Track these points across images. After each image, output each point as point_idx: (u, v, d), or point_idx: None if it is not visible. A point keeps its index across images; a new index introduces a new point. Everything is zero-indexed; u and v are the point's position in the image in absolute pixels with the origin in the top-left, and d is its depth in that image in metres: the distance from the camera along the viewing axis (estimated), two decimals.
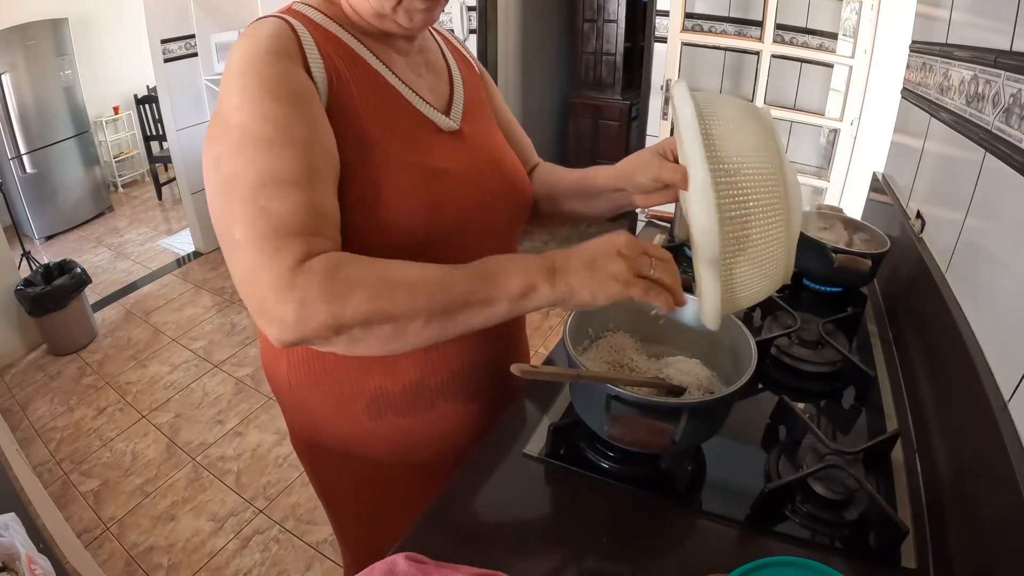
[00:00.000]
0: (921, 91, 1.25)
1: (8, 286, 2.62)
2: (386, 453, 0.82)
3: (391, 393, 0.77)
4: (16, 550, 0.81)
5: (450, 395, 0.80)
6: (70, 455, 2.11)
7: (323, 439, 0.83)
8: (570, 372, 0.68)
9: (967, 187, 0.87)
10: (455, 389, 0.80)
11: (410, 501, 0.83)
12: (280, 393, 0.84)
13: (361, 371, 0.76)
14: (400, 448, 0.82)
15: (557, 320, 2.94)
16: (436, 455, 0.84)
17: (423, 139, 0.70)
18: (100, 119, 4.54)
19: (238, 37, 0.64)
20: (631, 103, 3.79)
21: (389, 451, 0.82)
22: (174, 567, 1.68)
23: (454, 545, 0.66)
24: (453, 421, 0.83)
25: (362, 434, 0.80)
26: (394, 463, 0.83)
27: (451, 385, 0.80)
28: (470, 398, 0.83)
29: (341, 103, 0.64)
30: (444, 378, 0.78)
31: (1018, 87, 0.73)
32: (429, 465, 0.84)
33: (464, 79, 0.81)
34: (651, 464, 0.75)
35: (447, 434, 0.83)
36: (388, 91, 0.69)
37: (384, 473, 0.84)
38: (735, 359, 0.76)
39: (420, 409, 0.79)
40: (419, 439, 0.82)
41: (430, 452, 0.83)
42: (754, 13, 2.44)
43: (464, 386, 0.81)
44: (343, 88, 0.64)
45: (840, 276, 1.11)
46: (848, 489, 0.69)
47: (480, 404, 0.85)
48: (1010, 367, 0.64)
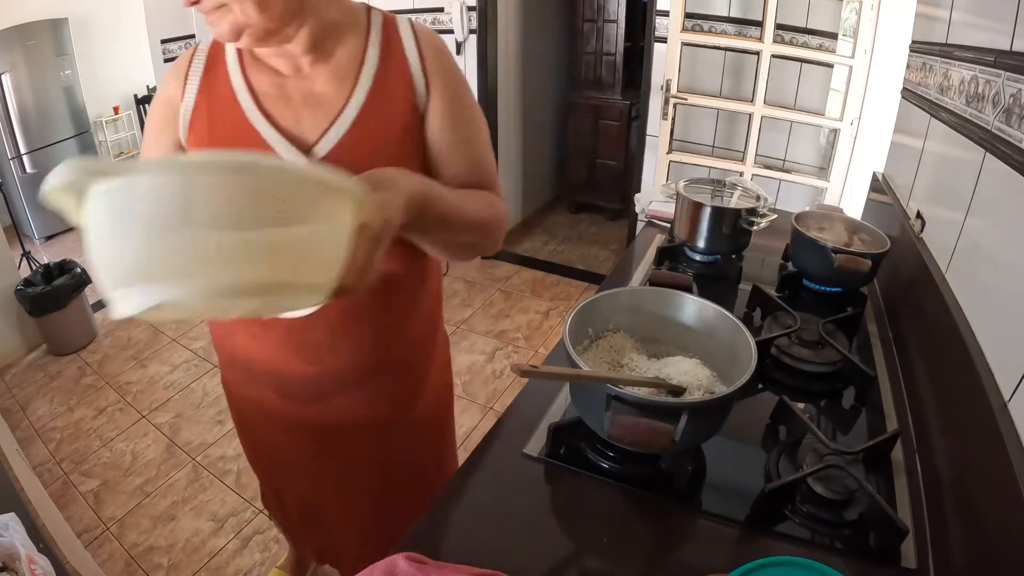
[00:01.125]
0: (921, 91, 1.25)
1: (8, 286, 2.62)
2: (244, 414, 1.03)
3: (235, 359, 0.93)
4: (16, 550, 0.81)
5: (271, 388, 0.92)
6: (70, 455, 2.11)
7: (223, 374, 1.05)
8: (570, 372, 0.68)
9: (967, 187, 0.87)
10: (274, 384, 0.91)
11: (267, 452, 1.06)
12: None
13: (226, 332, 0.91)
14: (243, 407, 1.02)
15: (557, 320, 2.94)
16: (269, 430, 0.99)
17: None
18: (100, 119, 4.53)
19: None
20: (631, 103, 3.78)
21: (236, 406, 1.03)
22: (174, 567, 1.68)
23: (454, 545, 0.66)
24: (276, 408, 0.94)
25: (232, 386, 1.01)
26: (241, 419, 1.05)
27: (269, 380, 0.90)
28: (288, 397, 0.92)
29: (195, 130, 0.73)
30: (264, 371, 0.89)
31: (1018, 87, 0.73)
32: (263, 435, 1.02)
33: (372, 101, 0.74)
34: (651, 464, 0.75)
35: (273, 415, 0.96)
36: (241, 123, 0.72)
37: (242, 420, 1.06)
38: (735, 359, 0.76)
39: (251, 384, 0.94)
40: (254, 406, 0.97)
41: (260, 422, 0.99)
42: (754, 13, 2.44)
43: (280, 386, 0.91)
44: (200, 116, 0.72)
45: (840, 276, 1.11)
46: (848, 489, 0.69)
47: (300, 408, 0.92)
48: (1010, 367, 0.64)
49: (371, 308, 0.83)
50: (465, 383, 2.44)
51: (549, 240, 3.92)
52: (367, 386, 0.91)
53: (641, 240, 1.50)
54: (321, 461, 1.00)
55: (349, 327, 0.84)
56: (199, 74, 0.71)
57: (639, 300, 0.88)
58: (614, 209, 4.16)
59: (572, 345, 0.74)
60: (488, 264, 3.50)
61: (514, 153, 3.77)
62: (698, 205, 1.25)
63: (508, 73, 3.47)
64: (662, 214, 1.60)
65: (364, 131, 0.74)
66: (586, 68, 3.87)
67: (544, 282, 3.31)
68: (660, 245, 1.35)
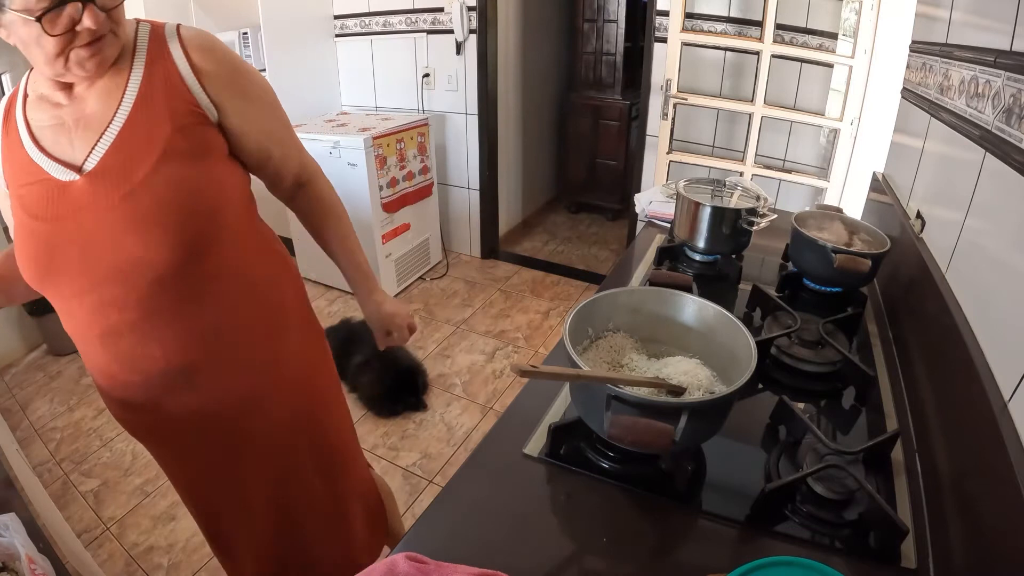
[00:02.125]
0: (921, 91, 1.25)
1: None
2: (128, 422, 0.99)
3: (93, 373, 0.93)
4: (16, 550, 0.81)
5: (113, 398, 0.93)
6: (70, 455, 2.11)
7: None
8: (570, 372, 0.68)
9: (967, 187, 0.87)
10: (115, 395, 0.92)
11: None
12: None
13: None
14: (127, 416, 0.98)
15: (557, 320, 2.94)
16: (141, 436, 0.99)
17: (46, 195, 0.77)
18: None
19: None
20: (631, 103, 3.78)
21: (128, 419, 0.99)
22: (174, 567, 1.68)
23: (454, 545, 0.66)
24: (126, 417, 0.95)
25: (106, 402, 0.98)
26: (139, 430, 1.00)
27: (109, 391, 0.92)
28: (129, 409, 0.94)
29: (3, 180, 0.81)
30: (101, 382, 0.91)
31: (1018, 87, 0.73)
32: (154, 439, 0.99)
33: (139, 108, 0.77)
34: (651, 464, 0.75)
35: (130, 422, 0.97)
36: (25, 161, 0.78)
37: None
38: (735, 359, 0.76)
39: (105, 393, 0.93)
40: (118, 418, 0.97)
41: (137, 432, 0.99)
42: (754, 13, 2.44)
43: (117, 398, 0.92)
44: (4, 167, 0.80)
45: (840, 276, 1.11)
46: (848, 489, 0.69)
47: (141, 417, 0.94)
48: (1010, 367, 0.64)
49: (172, 308, 0.82)
50: (465, 383, 2.44)
51: (549, 240, 3.92)
52: (202, 387, 0.88)
53: (641, 240, 1.50)
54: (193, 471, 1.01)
55: (153, 330, 0.82)
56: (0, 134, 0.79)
57: (639, 300, 0.88)
58: (614, 209, 4.16)
59: (572, 345, 0.74)
60: (488, 264, 3.50)
61: (514, 153, 3.77)
62: (698, 205, 1.25)
63: (508, 73, 3.47)
64: (662, 214, 1.60)
65: (130, 140, 0.76)
66: (586, 68, 3.88)
67: (544, 282, 3.31)
68: (660, 245, 1.35)
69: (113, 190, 0.76)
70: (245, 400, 0.93)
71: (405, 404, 2.24)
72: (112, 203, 0.76)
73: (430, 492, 1.89)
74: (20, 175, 0.78)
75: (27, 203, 0.78)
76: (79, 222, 0.76)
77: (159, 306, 0.81)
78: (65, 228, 0.77)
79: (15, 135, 0.79)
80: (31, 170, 0.77)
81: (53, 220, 0.77)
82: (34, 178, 0.77)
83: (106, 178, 0.76)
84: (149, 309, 0.80)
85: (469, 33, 3.02)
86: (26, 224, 0.79)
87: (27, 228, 0.79)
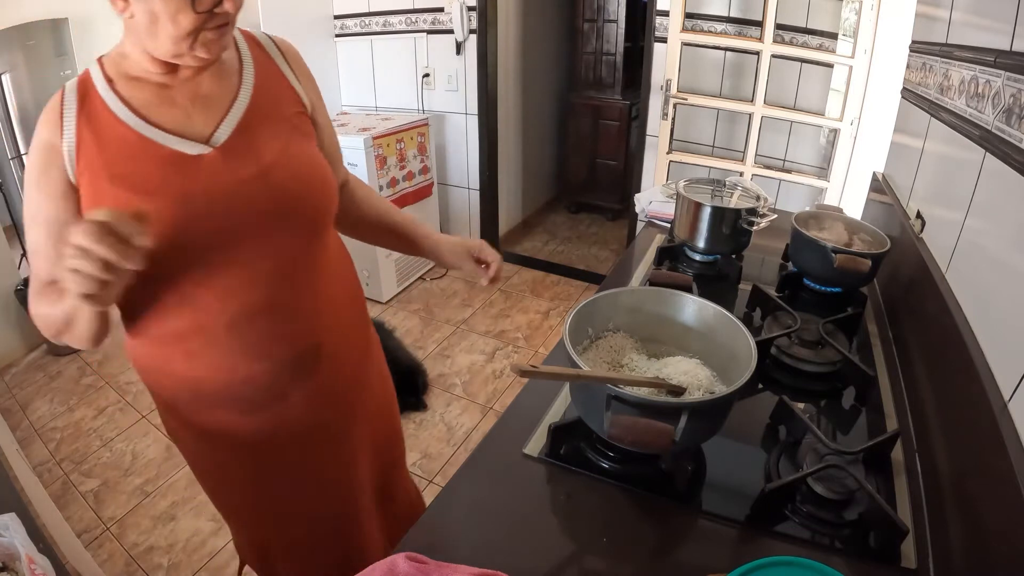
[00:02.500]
0: (921, 91, 1.25)
1: (8, 286, 2.62)
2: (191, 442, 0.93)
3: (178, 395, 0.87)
4: (16, 550, 0.81)
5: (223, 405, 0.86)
6: (70, 455, 2.11)
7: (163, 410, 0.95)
8: (570, 372, 0.68)
9: (967, 187, 0.87)
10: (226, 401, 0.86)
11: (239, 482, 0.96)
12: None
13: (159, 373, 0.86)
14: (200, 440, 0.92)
15: (557, 320, 2.94)
16: (232, 455, 0.91)
17: (168, 171, 0.74)
18: None
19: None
20: (631, 103, 3.78)
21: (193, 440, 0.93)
22: (174, 567, 1.68)
23: (454, 545, 0.66)
24: (233, 429, 0.88)
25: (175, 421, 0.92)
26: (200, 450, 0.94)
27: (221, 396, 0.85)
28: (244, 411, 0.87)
29: (85, 168, 0.73)
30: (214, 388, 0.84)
31: (1018, 87, 0.73)
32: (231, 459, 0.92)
33: (258, 91, 0.82)
34: (651, 464, 0.75)
35: (233, 438, 0.89)
36: (130, 138, 0.74)
37: (200, 457, 0.96)
38: (735, 359, 0.76)
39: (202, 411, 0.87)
40: (210, 437, 0.90)
41: (226, 452, 0.91)
42: (754, 13, 2.44)
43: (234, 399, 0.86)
44: (87, 153, 0.73)
45: (840, 276, 1.11)
46: (848, 489, 0.69)
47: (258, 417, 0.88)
48: (1010, 367, 0.64)
49: (300, 283, 0.84)
50: (465, 383, 2.44)
51: (549, 240, 3.92)
52: (323, 368, 0.89)
53: (641, 240, 1.50)
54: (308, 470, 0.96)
55: (286, 309, 0.83)
56: (73, 112, 0.74)
57: (639, 300, 0.88)
58: (614, 209, 4.16)
59: (572, 345, 0.74)
60: None
61: (514, 153, 3.77)
62: (698, 205, 1.25)
63: (508, 73, 3.47)
64: (662, 214, 1.60)
65: (257, 120, 0.80)
66: (586, 68, 3.88)
67: (544, 282, 3.31)
68: (660, 245, 1.35)
69: (247, 165, 0.77)
70: (352, 381, 0.96)
71: (405, 404, 2.24)
72: (245, 178, 0.77)
73: (430, 492, 1.89)
74: (123, 153, 0.74)
75: (137, 181, 0.73)
76: (210, 198, 0.74)
77: (291, 282, 0.82)
78: (194, 206, 0.74)
79: (107, 116, 0.74)
80: (142, 146, 0.74)
81: (177, 197, 0.73)
82: (146, 154, 0.74)
83: (237, 154, 0.77)
84: (282, 286, 0.81)
85: (469, 33, 3.01)
86: (140, 204, 0.72)
87: (168, 200, 0.73)
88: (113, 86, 0.75)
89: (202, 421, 0.88)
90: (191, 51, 0.71)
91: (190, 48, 0.71)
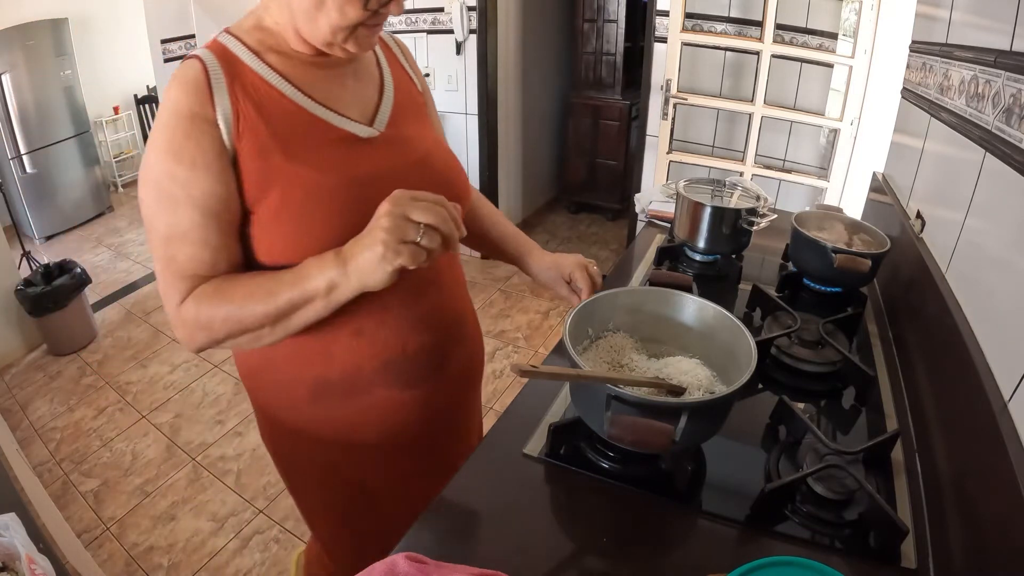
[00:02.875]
0: (921, 91, 1.25)
1: (8, 286, 2.62)
2: (330, 435, 0.86)
3: (329, 380, 0.81)
4: (16, 550, 0.81)
5: (385, 382, 0.83)
6: (70, 455, 2.11)
7: (275, 423, 0.89)
8: (570, 372, 0.68)
9: (967, 187, 0.87)
10: (389, 377, 0.83)
11: (363, 482, 0.91)
12: (243, 380, 0.90)
13: (300, 361, 0.80)
14: (343, 430, 0.85)
15: (557, 320, 2.94)
16: (380, 437, 0.87)
17: (341, 151, 0.74)
18: (100, 119, 4.54)
19: (169, 79, 0.69)
20: (631, 103, 3.78)
21: (333, 433, 0.86)
22: (174, 567, 1.68)
23: (454, 545, 0.66)
24: (391, 406, 0.85)
25: (306, 418, 0.85)
26: (340, 444, 0.87)
27: (385, 373, 0.82)
28: (406, 385, 0.85)
29: (249, 140, 0.69)
30: (377, 366, 0.81)
31: (1018, 87, 0.73)
32: (375, 446, 0.87)
33: (396, 83, 0.84)
34: (651, 464, 0.75)
35: (387, 417, 0.86)
36: (299, 114, 0.72)
37: (330, 452, 0.88)
38: (735, 359, 0.76)
39: (357, 394, 0.82)
40: (360, 422, 0.85)
41: (373, 434, 0.86)
42: (754, 13, 2.44)
43: (398, 374, 0.83)
44: (250, 125, 0.69)
45: (840, 276, 1.11)
46: (848, 489, 0.69)
47: (417, 391, 0.86)
48: (1010, 367, 0.64)
49: (449, 257, 0.88)
50: None
51: (549, 240, 3.92)
52: (466, 335, 0.93)
53: (641, 240, 1.50)
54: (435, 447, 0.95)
55: (444, 280, 0.87)
56: (223, 81, 0.68)
57: (639, 300, 0.88)
58: (614, 209, 4.16)
59: (572, 345, 0.74)
60: (488, 264, 3.50)
61: (514, 153, 3.77)
62: (698, 205, 1.25)
63: (508, 73, 3.47)
64: (662, 214, 1.60)
65: (404, 110, 0.83)
66: (586, 68, 3.88)
67: None
68: (660, 245, 1.35)
69: (408, 152, 0.79)
70: (479, 347, 0.98)
71: None
72: (411, 162, 0.79)
73: None
74: (293, 130, 0.71)
75: (314, 159, 0.71)
76: (379, 186, 0.71)
77: (447, 257, 0.85)
78: (365, 187, 0.72)
79: (266, 89, 0.71)
80: (310, 123, 0.72)
81: (351, 178, 0.72)
82: (316, 131, 0.72)
83: (397, 141, 0.79)
84: (441, 261, 0.84)
85: (469, 33, 3.02)
86: (320, 183, 0.71)
87: (325, 188, 0.71)
88: (263, 59, 0.72)
89: (350, 406, 0.83)
90: (343, 43, 0.70)
91: (344, 40, 0.69)
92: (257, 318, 0.69)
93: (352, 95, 0.78)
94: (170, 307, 0.71)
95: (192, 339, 0.72)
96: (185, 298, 0.70)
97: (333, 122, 0.74)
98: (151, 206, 0.69)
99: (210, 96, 0.67)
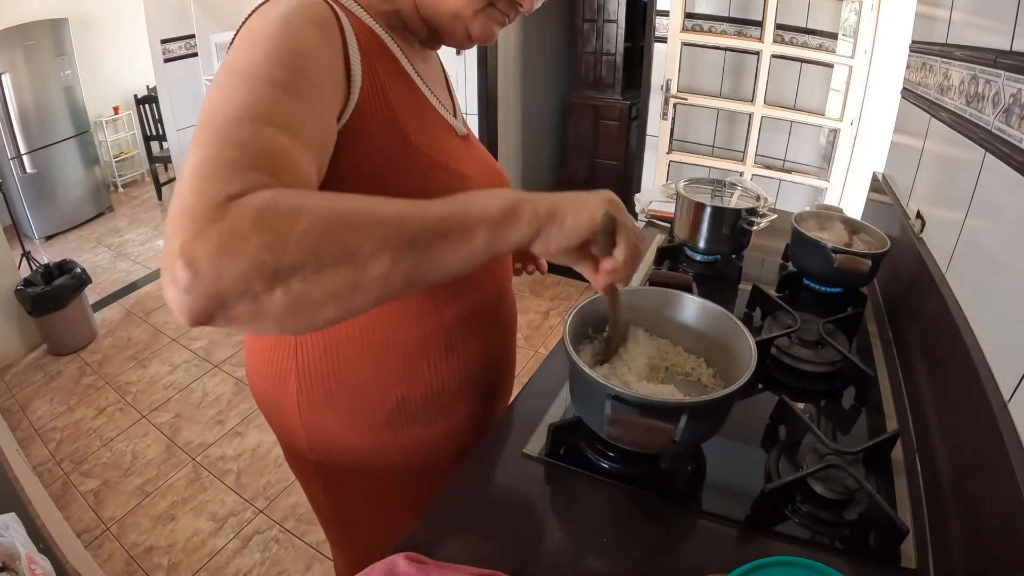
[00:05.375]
0: (921, 91, 1.25)
1: (8, 286, 2.62)
2: (404, 462, 0.80)
3: (412, 402, 0.76)
4: (16, 550, 0.81)
5: (466, 396, 0.81)
6: (70, 455, 2.11)
7: (337, 458, 0.80)
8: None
9: (967, 187, 0.87)
10: (470, 390, 0.81)
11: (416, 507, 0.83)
12: (286, 417, 0.78)
13: (382, 383, 0.74)
14: (419, 455, 0.81)
15: (557, 320, 2.94)
16: (451, 457, 0.82)
17: (448, 143, 0.71)
18: (100, 119, 4.54)
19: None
20: (631, 103, 3.78)
21: (407, 459, 0.80)
22: (174, 567, 1.68)
23: (454, 545, 0.66)
24: (467, 421, 0.83)
25: (380, 446, 0.78)
26: (412, 470, 0.82)
27: (467, 386, 0.80)
28: (482, 396, 0.83)
29: (377, 102, 0.60)
30: (462, 381, 0.79)
31: (1018, 87, 0.73)
32: (445, 468, 0.81)
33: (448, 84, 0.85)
34: (651, 464, 0.75)
35: (461, 435, 0.83)
36: (417, 94, 0.69)
37: (401, 481, 0.82)
38: (735, 359, 0.76)
39: (439, 414, 0.79)
40: (437, 444, 0.81)
41: (446, 455, 0.82)
42: (754, 13, 2.44)
43: (478, 385, 0.82)
44: (378, 87, 0.61)
45: (840, 276, 1.11)
46: (848, 489, 0.69)
47: (489, 401, 0.86)
48: (1010, 367, 0.64)
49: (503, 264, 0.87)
50: None
51: None
52: (514, 336, 0.93)
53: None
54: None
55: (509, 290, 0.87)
56: (356, 48, 0.59)
57: (639, 300, 0.88)
58: None
59: (572, 345, 0.74)
60: None
61: (514, 153, 3.77)
62: (698, 205, 1.25)
63: (508, 73, 3.47)
64: (662, 214, 1.60)
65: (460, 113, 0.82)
66: (586, 68, 3.87)
67: (544, 282, 3.31)
68: (660, 245, 1.35)
69: (484, 157, 0.80)
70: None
71: None
72: (488, 170, 0.79)
73: None
74: (418, 115, 0.67)
75: (447, 152, 0.69)
76: (468, 187, 0.66)
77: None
78: (469, 185, 0.71)
79: (391, 61, 0.65)
80: (429, 112, 0.70)
81: (465, 176, 0.71)
82: (435, 121, 0.70)
83: (474, 145, 0.79)
84: (505, 265, 0.85)
85: None
86: (447, 168, 0.68)
87: (452, 175, 0.69)
88: (388, 32, 0.66)
89: (432, 429, 0.78)
90: (468, 24, 0.67)
91: (470, 19, 0.66)
92: (378, 233, 0.42)
93: (440, 88, 0.76)
94: (209, 198, 0.38)
95: (233, 246, 0.37)
96: (249, 191, 0.40)
97: (439, 110, 0.72)
98: (224, 88, 0.46)
99: (343, 51, 0.57)
